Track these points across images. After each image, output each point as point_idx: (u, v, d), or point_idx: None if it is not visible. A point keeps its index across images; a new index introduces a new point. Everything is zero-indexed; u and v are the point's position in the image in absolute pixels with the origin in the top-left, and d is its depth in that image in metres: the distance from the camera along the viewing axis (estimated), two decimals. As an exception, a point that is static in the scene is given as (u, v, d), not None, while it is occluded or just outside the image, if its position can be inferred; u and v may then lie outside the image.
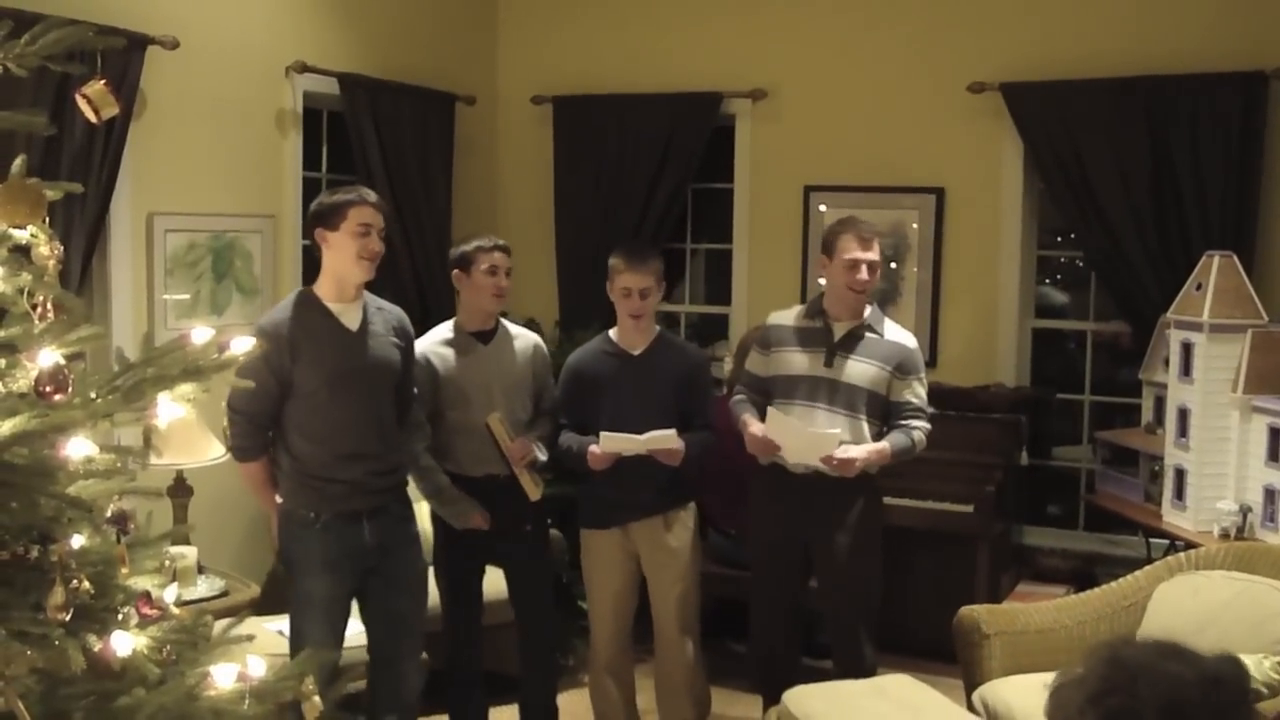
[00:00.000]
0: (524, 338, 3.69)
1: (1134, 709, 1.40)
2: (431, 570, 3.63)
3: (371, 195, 3.21)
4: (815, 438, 3.47)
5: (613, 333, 3.71)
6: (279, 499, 3.23)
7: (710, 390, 3.74)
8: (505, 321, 3.67)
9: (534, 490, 3.56)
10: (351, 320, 3.19)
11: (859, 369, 3.56)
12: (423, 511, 3.98)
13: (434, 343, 3.58)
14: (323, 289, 3.19)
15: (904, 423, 3.55)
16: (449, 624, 3.66)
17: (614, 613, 3.70)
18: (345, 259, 3.14)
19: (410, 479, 3.45)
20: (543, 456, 3.63)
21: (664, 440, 3.48)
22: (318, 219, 3.17)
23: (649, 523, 3.63)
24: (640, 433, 3.48)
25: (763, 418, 3.57)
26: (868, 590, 3.63)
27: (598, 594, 3.72)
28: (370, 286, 3.30)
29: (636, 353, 3.65)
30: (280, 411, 3.15)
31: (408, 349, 3.36)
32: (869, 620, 3.64)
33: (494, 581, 3.72)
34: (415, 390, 3.45)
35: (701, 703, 3.80)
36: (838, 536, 3.56)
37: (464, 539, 3.54)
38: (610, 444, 3.48)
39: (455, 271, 3.58)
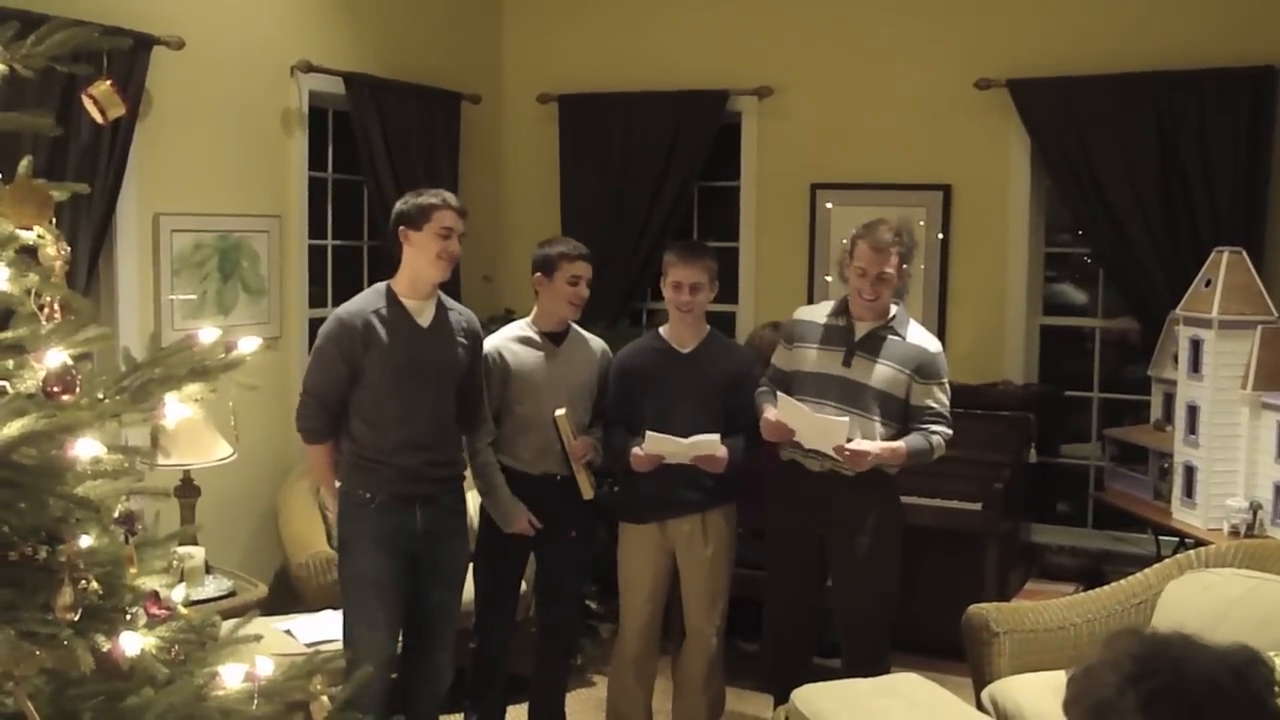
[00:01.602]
0: (593, 342, 3.75)
1: (1179, 688, 1.39)
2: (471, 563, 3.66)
3: (455, 200, 3.34)
4: (824, 424, 3.46)
5: (663, 329, 3.73)
6: (338, 482, 3.33)
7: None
8: (575, 325, 3.71)
9: (588, 489, 3.60)
10: (424, 317, 3.31)
11: (876, 370, 3.54)
12: (473, 503, 4.00)
13: (507, 339, 3.64)
14: (400, 285, 3.32)
15: (924, 426, 3.53)
16: (482, 619, 3.68)
17: (646, 608, 3.70)
18: (425, 258, 3.26)
19: (469, 474, 3.53)
20: (600, 460, 3.66)
21: (709, 447, 3.48)
22: (403, 219, 3.30)
23: (688, 520, 3.63)
24: (686, 433, 3.48)
25: None
26: (884, 590, 3.61)
27: (632, 588, 3.72)
28: (375, 282, 3.35)
29: (686, 350, 3.66)
30: (348, 398, 3.26)
31: (475, 350, 3.46)
32: (885, 620, 3.62)
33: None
34: (483, 390, 3.52)
35: (716, 703, 3.80)
36: (856, 536, 3.55)
37: (508, 537, 3.58)
38: (655, 445, 3.48)
39: (536, 274, 3.62)
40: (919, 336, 3.61)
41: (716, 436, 3.49)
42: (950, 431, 3.57)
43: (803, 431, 3.51)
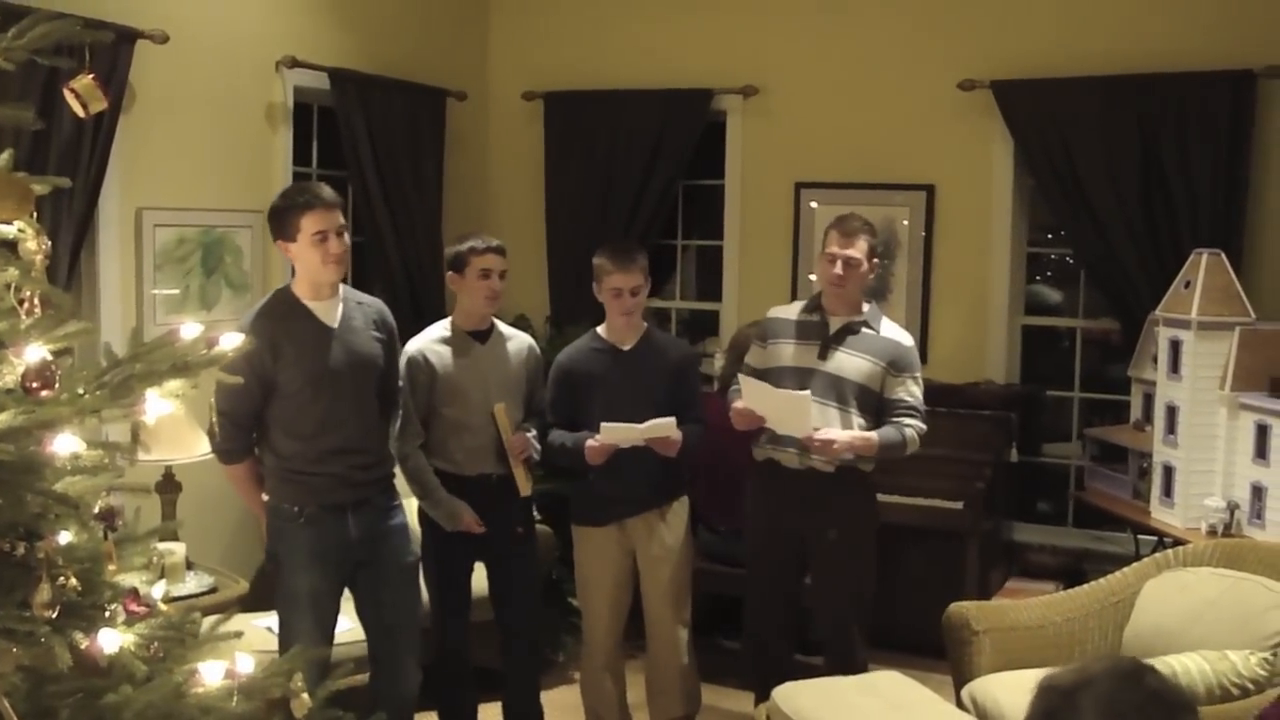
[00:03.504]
0: (518, 339, 3.69)
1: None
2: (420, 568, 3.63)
3: (324, 193, 3.10)
4: (788, 399, 3.49)
5: (601, 329, 3.72)
6: (265, 496, 3.22)
7: (699, 383, 3.74)
8: (498, 322, 3.67)
9: (525, 485, 3.56)
10: (330, 317, 3.17)
11: (852, 363, 3.57)
12: (411, 507, 3.96)
13: (430, 341, 3.57)
14: (300, 289, 3.17)
15: (897, 419, 3.56)
16: (438, 621, 3.64)
17: (610, 609, 3.70)
18: (311, 267, 3.11)
19: (402, 477, 3.45)
20: (536, 456, 3.63)
21: (663, 429, 3.48)
22: (274, 229, 3.13)
23: (644, 518, 3.64)
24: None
25: None
26: (860, 586, 3.64)
27: (594, 591, 3.71)
28: (360, 283, 3.29)
29: (626, 348, 3.66)
30: (264, 411, 3.14)
31: (389, 341, 3.34)
32: (861, 616, 3.65)
33: (478, 578, 3.71)
34: (402, 384, 3.45)
35: (692, 698, 3.81)
36: (831, 531, 3.57)
37: (452, 537, 3.53)
38: (610, 435, 3.48)
39: (450, 273, 3.56)
40: (892, 331, 3.65)
41: (671, 420, 3.49)
42: (924, 426, 3.59)
43: (770, 415, 3.53)
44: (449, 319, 3.63)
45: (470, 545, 3.56)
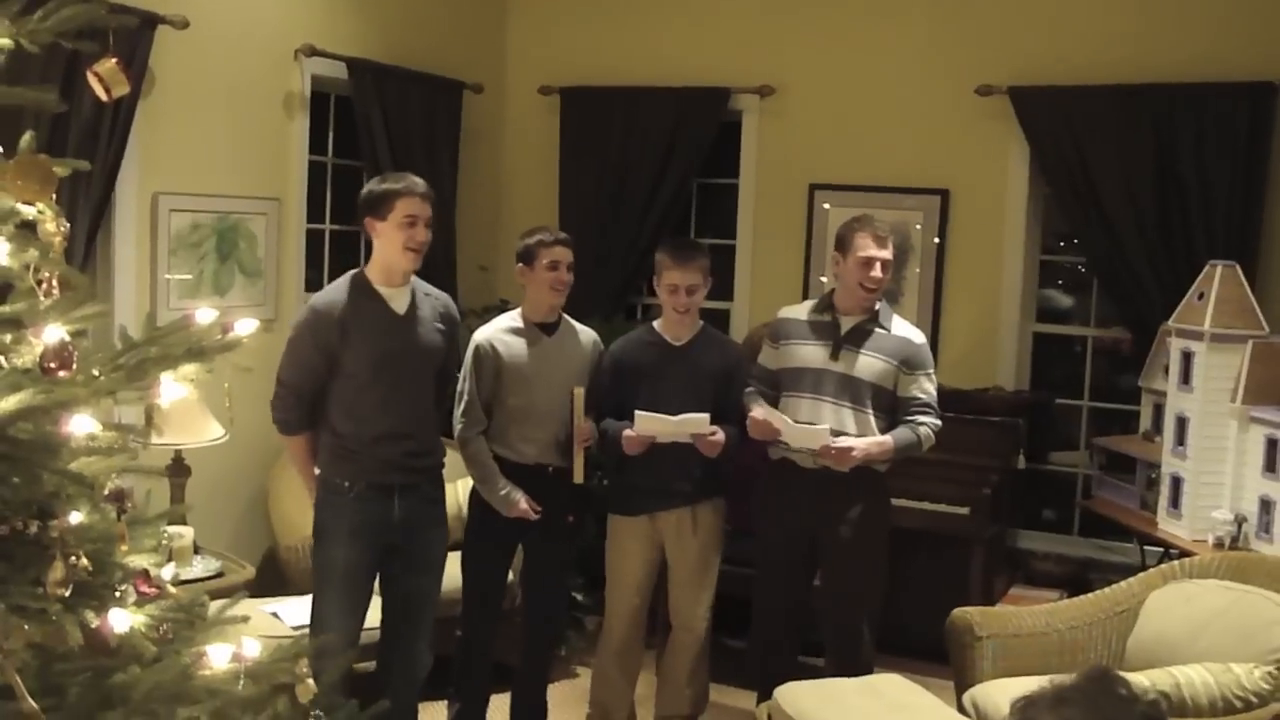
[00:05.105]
0: (585, 332, 3.75)
1: None
2: (459, 554, 3.67)
3: (420, 185, 3.25)
4: (804, 433, 3.50)
5: (657, 323, 3.76)
6: (317, 470, 3.31)
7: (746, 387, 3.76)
8: (566, 316, 3.72)
9: (580, 473, 3.60)
10: (400, 305, 3.27)
11: (864, 363, 3.58)
12: (452, 492, 3.97)
13: (499, 330, 3.63)
14: (373, 273, 3.28)
15: (911, 418, 3.57)
16: (468, 610, 3.68)
17: (634, 600, 3.72)
18: (392, 249, 3.21)
19: (461, 461, 3.54)
20: (595, 447, 3.68)
21: (698, 424, 3.49)
22: (367, 207, 3.24)
23: (678, 512, 3.66)
24: None
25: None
26: (870, 587, 3.65)
27: (620, 580, 3.73)
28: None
29: (679, 344, 3.68)
30: (326, 389, 3.23)
31: (451, 334, 3.44)
32: (870, 617, 3.65)
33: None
34: (467, 370, 3.54)
35: (699, 699, 3.82)
36: (843, 532, 3.58)
37: (495, 528, 3.57)
38: (645, 424, 3.50)
39: (519, 266, 3.62)
40: (903, 329, 3.66)
41: (705, 416, 3.51)
42: (939, 422, 3.60)
43: (786, 433, 3.54)
44: (518, 310, 3.70)
45: (513, 536, 3.60)
